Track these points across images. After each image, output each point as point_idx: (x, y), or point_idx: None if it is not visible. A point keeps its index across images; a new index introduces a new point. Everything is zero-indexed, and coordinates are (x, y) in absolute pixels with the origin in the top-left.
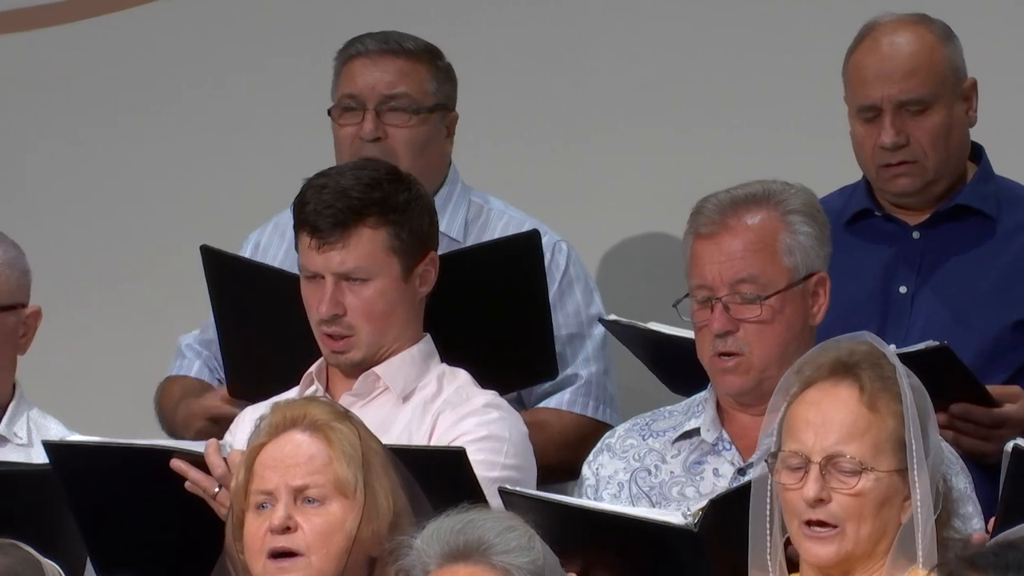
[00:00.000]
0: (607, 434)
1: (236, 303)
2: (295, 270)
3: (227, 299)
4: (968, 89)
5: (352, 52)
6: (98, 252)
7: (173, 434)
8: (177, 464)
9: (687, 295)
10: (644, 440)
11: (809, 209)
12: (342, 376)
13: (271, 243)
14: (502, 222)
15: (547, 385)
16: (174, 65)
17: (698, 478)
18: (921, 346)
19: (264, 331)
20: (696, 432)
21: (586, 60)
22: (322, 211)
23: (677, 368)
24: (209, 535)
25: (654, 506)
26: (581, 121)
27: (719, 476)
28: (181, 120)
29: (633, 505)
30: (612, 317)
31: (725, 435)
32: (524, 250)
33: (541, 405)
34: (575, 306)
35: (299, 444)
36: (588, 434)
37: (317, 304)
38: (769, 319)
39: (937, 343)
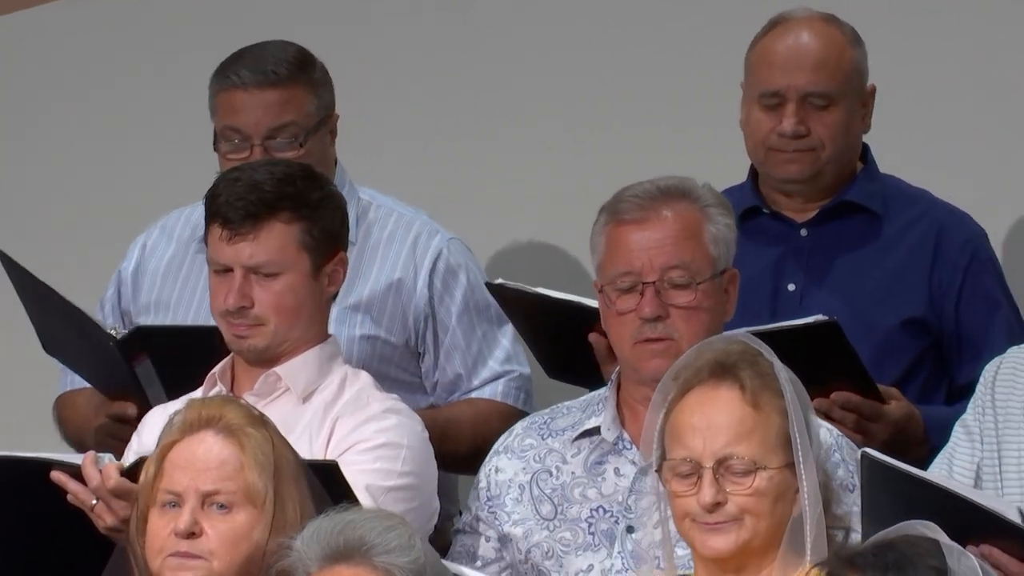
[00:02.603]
0: (504, 435)
1: (42, 312)
2: (180, 271)
3: (33, 306)
4: (868, 95)
5: (228, 84)
6: None
7: (84, 446)
8: (57, 476)
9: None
10: (543, 440)
11: (724, 204)
12: (246, 377)
13: (157, 245)
14: (392, 219)
15: (477, 381)
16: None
17: (600, 479)
18: (810, 319)
19: (71, 344)
20: (596, 431)
21: (480, 57)
22: (234, 203)
23: (559, 344)
24: (100, 546)
25: (556, 508)
26: (475, 118)
27: (620, 476)
28: (65, 125)
29: (535, 508)
30: (499, 281)
31: (626, 435)
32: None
33: (475, 394)
34: (485, 300)
35: (211, 447)
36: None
37: (224, 296)
38: (699, 305)
39: (826, 318)
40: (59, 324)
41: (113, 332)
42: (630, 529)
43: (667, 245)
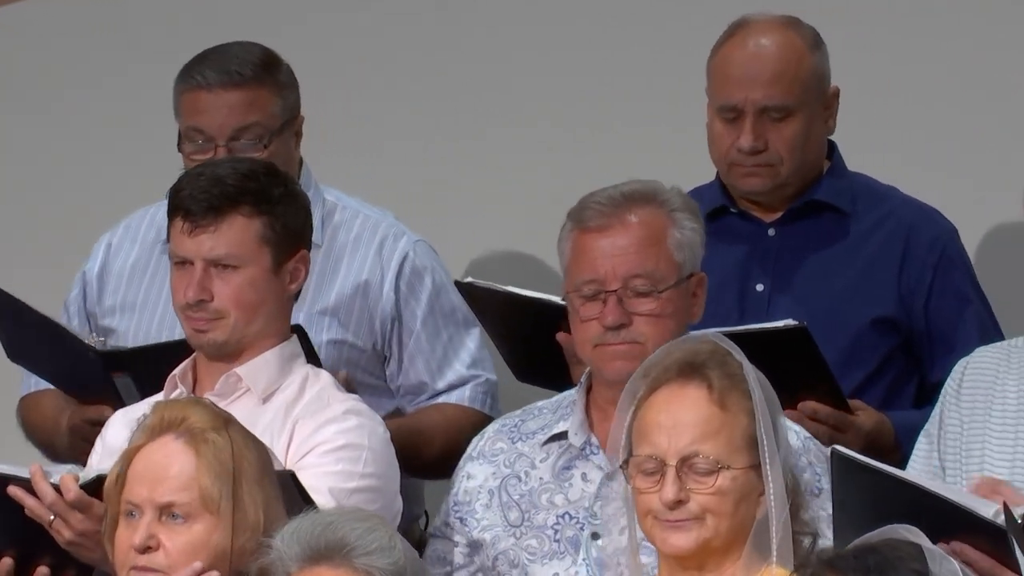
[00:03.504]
0: (476, 438)
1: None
2: (145, 273)
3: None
4: (831, 98)
5: (192, 84)
6: None
7: (53, 446)
8: (14, 491)
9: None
10: (513, 444)
11: (692, 207)
12: (207, 378)
13: (122, 245)
14: (357, 221)
15: (442, 384)
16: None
17: (567, 484)
18: (780, 324)
19: (45, 358)
20: (565, 435)
21: (452, 60)
22: (197, 195)
23: (529, 344)
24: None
25: (523, 515)
26: (445, 120)
27: (587, 481)
28: (27, 125)
29: (504, 515)
30: (468, 279)
31: (593, 439)
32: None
33: (442, 399)
34: (451, 304)
35: (169, 455)
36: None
37: (184, 289)
38: (662, 312)
39: (796, 323)
40: (31, 334)
41: (93, 343)
42: (595, 536)
43: (630, 253)
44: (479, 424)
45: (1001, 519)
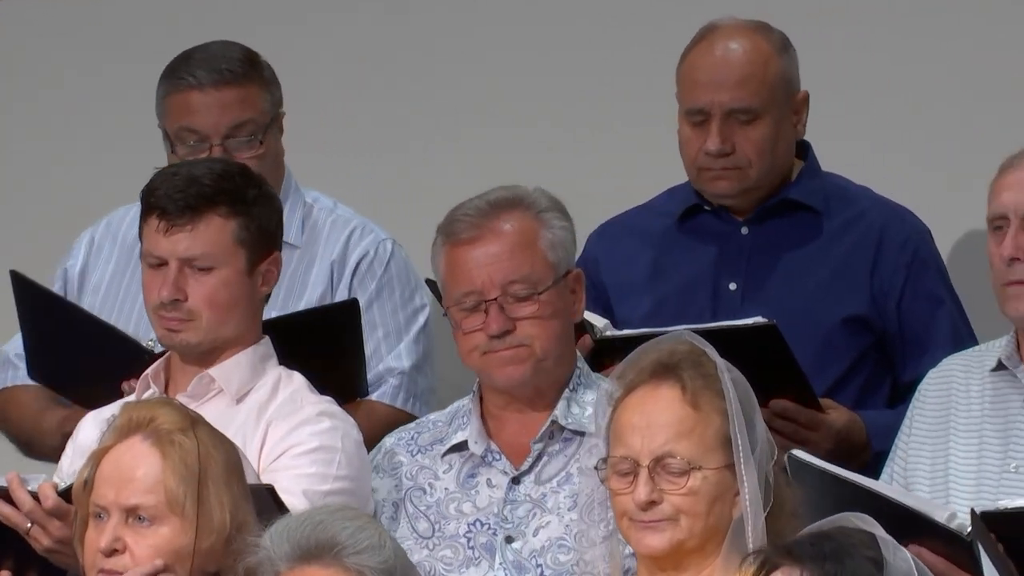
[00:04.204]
0: (373, 451)
1: (44, 331)
2: (125, 271)
3: (35, 325)
4: (799, 102)
5: (183, 85)
6: None
7: (31, 443)
8: None
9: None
10: (413, 456)
11: (559, 206)
12: (180, 379)
13: (104, 242)
14: (330, 220)
15: (370, 377)
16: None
17: (473, 492)
18: (749, 321)
19: (73, 361)
20: (464, 445)
21: (424, 61)
22: (173, 195)
23: None
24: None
25: (433, 526)
26: (421, 121)
27: (493, 487)
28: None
29: (412, 527)
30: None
31: (493, 445)
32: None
33: (375, 396)
34: (393, 305)
35: (136, 456)
36: (395, 424)
37: (158, 288)
38: (544, 314)
39: (765, 320)
40: (62, 334)
41: (150, 347)
42: (509, 539)
43: (504, 259)
44: (395, 422)
45: (954, 524)
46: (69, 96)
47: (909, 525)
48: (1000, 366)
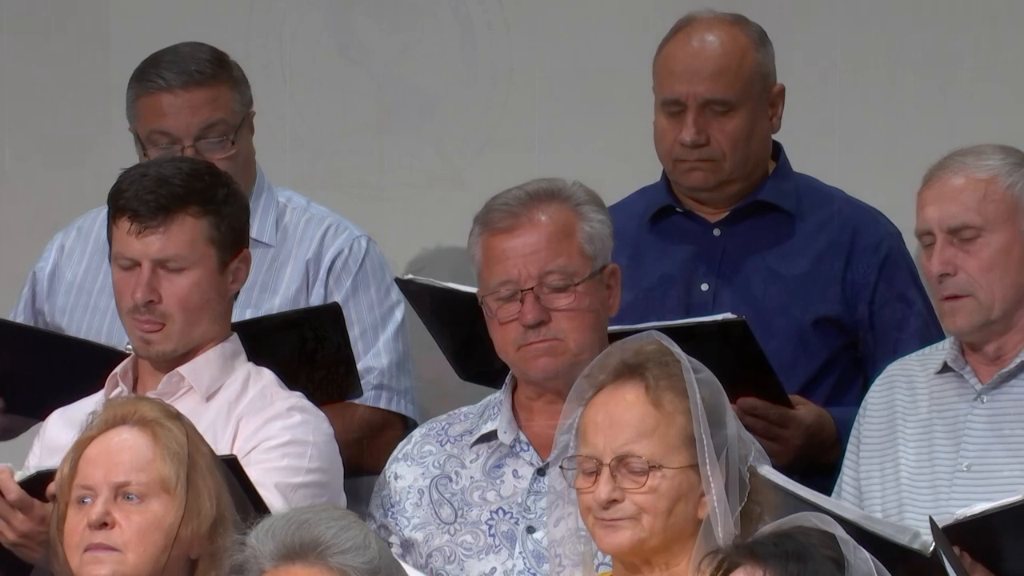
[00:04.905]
0: (403, 441)
1: (15, 365)
2: (97, 275)
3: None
4: (775, 96)
5: (153, 87)
6: None
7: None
8: None
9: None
10: (442, 446)
11: (596, 199)
12: (149, 377)
13: (74, 249)
14: (304, 219)
15: None
16: None
17: (499, 481)
18: (719, 317)
19: (54, 383)
20: (493, 435)
21: (402, 56)
22: (143, 196)
23: (472, 343)
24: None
25: (456, 512)
26: (396, 116)
27: (519, 478)
28: None
29: (435, 512)
30: (408, 276)
31: (522, 436)
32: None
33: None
34: (369, 302)
35: (125, 439)
36: (381, 425)
37: (132, 291)
38: (580, 306)
39: (735, 316)
40: (44, 367)
41: (129, 350)
42: (530, 529)
43: (541, 250)
44: (379, 423)
45: (916, 544)
46: (34, 101)
47: (869, 545)
48: (946, 368)
